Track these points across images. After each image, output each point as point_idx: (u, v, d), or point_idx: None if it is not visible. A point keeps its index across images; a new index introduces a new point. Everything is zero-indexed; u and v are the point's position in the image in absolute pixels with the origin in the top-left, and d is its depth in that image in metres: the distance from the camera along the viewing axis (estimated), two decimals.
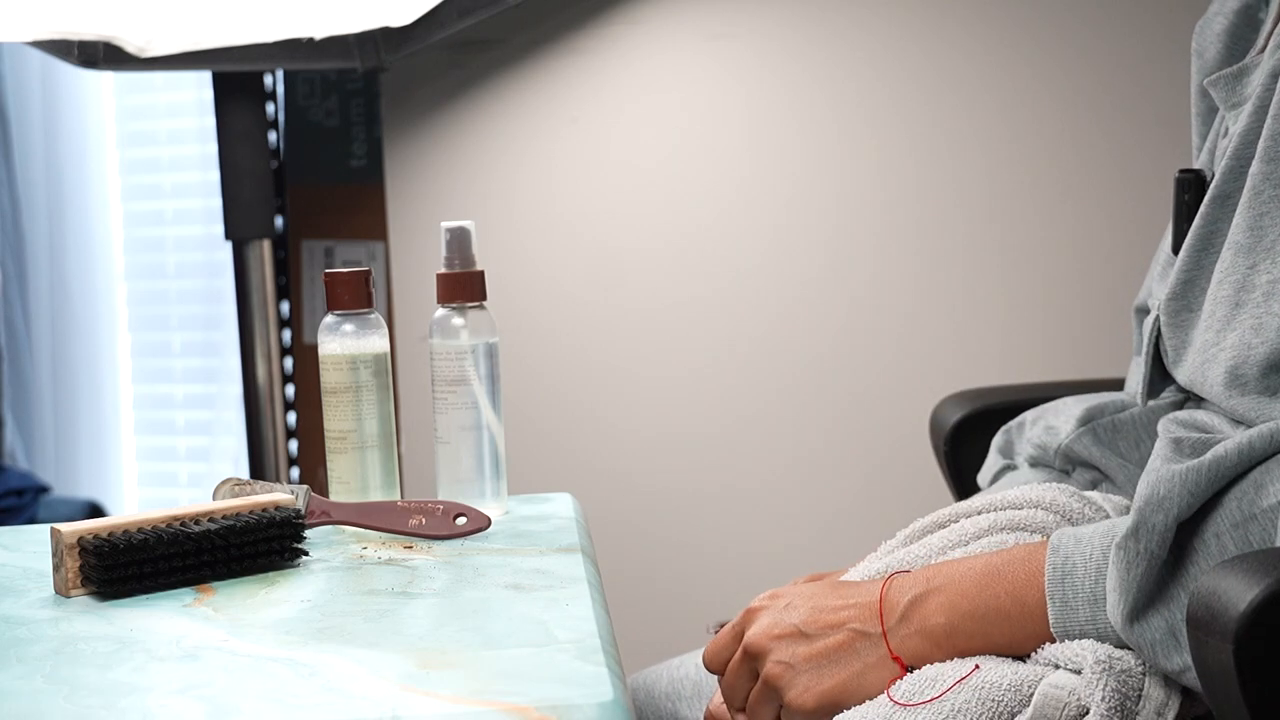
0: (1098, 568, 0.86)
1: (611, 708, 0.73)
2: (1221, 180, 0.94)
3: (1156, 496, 0.82)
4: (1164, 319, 0.98)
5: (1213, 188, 0.95)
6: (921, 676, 0.89)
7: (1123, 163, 1.97)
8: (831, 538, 2.05)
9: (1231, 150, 0.94)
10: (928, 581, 0.92)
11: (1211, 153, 1.03)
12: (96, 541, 0.96)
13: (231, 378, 2.54)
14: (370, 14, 1.85)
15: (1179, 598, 0.81)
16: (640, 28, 2.05)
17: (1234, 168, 0.93)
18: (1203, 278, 0.95)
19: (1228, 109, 0.99)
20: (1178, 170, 1.03)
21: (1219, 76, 1.00)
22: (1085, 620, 0.86)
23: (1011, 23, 1.98)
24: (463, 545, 1.09)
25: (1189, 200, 1.00)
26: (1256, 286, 0.88)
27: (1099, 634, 0.86)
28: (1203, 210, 0.95)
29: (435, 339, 1.18)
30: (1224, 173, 0.94)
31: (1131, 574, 0.82)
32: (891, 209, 2.03)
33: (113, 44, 1.82)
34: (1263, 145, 0.90)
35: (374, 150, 2.21)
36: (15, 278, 2.83)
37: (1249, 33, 1.04)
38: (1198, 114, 1.09)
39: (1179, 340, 0.97)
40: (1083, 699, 0.84)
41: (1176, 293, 0.97)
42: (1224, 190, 0.94)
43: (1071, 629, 0.87)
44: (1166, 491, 0.82)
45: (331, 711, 0.74)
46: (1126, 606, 0.82)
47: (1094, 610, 0.86)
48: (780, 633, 0.94)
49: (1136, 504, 0.83)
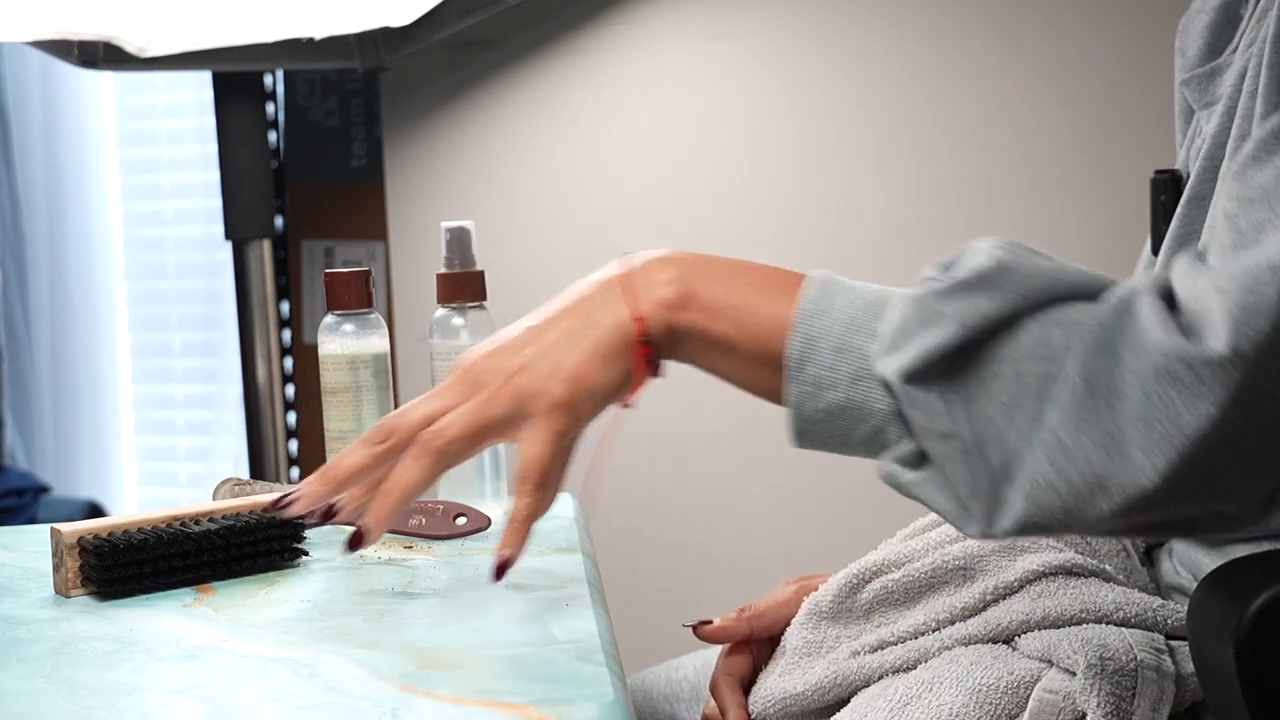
0: (856, 318, 0.80)
1: (611, 708, 0.73)
2: (1196, 181, 0.94)
3: (994, 281, 0.78)
4: None
5: (1188, 189, 0.95)
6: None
7: (1122, 163, 1.97)
8: (831, 538, 2.05)
9: (1205, 151, 0.94)
10: (659, 256, 0.89)
11: (1188, 151, 1.03)
12: (96, 541, 0.96)
13: (231, 378, 2.54)
14: (370, 14, 1.85)
15: (972, 372, 0.76)
16: (640, 28, 2.05)
17: (1207, 168, 0.93)
18: None
19: (1200, 108, 0.99)
20: (1153, 171, 1.02)
21: (1192, 76, 1.00)
22: (824, 366, 0.80)
23: (1011, 22, 1.98)
24: (463, 545, 1.09)
25: (1165, 201, 1.00)
26: None
27: (829, 382, 0.80)
28: (1179, 211, 0.95)
29: (435, 339, 1.18)
30: (1198, 173, 0.94)
31: (933, 335, 0.76)
32: (891, 209, 2.03)
33: (113, 44, 1.82)
34: (1231, 146, 0.90)
35: (374, 150, 2.21)
36: (15, 278, 2.84)
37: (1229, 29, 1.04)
38: (1179, 112, 1.09)
39: None
40: (1079, 703, 0.84)
41: None
42: (1199, 191, 0.94)
43: (806, 366, 0.81)
44: (1006, 281, 0.78)
45: (331, 711, 0.74)
46: (915, 363, 0.76)
47: (836, 359, 0.80)
48: (497, 346, 0.88)
49: (970, 273, 0.79)
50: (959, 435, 0.76)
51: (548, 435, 0.87)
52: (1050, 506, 0.74)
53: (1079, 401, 0.73)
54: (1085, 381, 0.73)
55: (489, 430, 0.87)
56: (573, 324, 0.88)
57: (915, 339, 0.77)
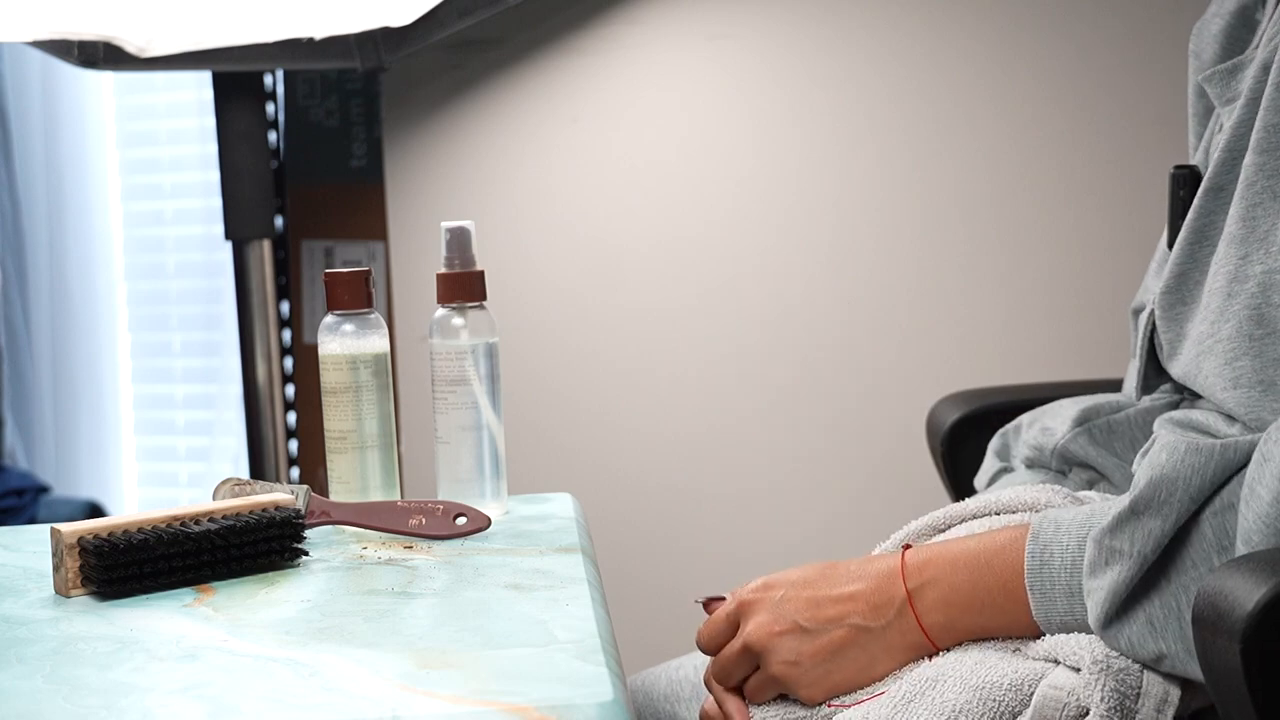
0: (1073, 560, 0.87)
1: (611, 708, 0.73)
2: (1215, 172, 0.94)
3: (1158, 499, 0.82)
4: (1159, 312, 0.98)
5: (1206, 180, 0.95)
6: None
7: (1122, 163, 1.97)
8: (831, 537, 2.05)
9: (1225, 143, 0.94)
10: (920, 573, 0.92)
11: (1207, 149, 1.03)
12: (96, 541, 0.96)
13: (231, 378, 2.54)
14: (370, 14, 1.85)
15: (1161, 590, 0.82)
16: (640, 28, 2.05)
17: (1227, 160, 0.94)
18: (1197, 270, 0.95)
19: (1222, 104, 0.99)
20: (1173, 166, 1.03)
21: (1214, 72, 1.00)
22: (1064, 612, 0.87)
23: (1011, 22, 1.98)
24: (463, 545, 1.09)
25: (1184, 196, 1.00)
26: (1250, 277, 0.88)
27: (1079, 625, 0.87)
28: (1197, 203, 0.96)
29: (435, 339, 1.18)
30: (1217, 165, 0.94)
31: (1115, 574, 0.83)
32: (891, 208, 2.03)
33: (113, 44, 1.82)
34: (1255, 137, 0.90)
35: (374, 150, 2.21)
36: (15, 278, 2.83)
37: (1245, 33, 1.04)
38: (1194, 114, 1.09)
39: (1174, 334, 0.97)
40: (1082, 699, 0.84)
41: (1171, 286, 0.97)
42: (1218, 182, 0.94)
43: (1053, 619, 0.88)
44: (1168, 495, 0.82)
45: (331, 711, 0.74)
46: (1105, 608, 0.84)
47: (1071, 603, 0.87)
48: (781, 629, 0.95)
49: (1131, 500, 0.83)
50: (1169, 654, 0.82)
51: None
52: None
53: None
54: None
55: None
56: (842, 641, 0.95)
57: (1100, 580, 0.84)
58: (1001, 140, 2.00)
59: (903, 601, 0.92)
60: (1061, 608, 0.87)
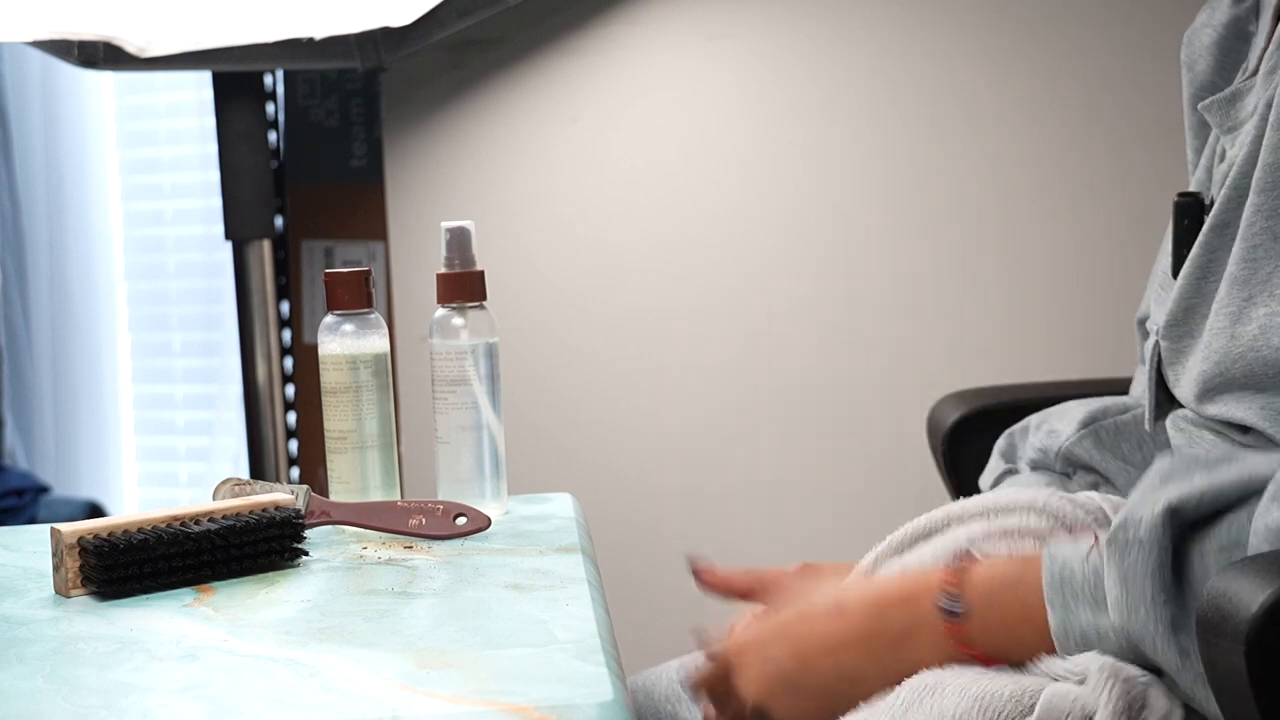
0: (1095, 568, 0.86)
1: (611, 708, 0.73)
2: (1220, 209, 0.94)
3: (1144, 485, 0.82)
4: (1164, 344, 0.98)
5: (1212, 215, 0.94)
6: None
7: (1121, 162, 1.97)
8: (831, 537, 2.05)
9: (1231, 180, 0.93)
10: (914, 618, 0.91)
11: (1208, 172, 1.03)
12: (96, 541, 0.96)
13: (231, 378, 2.54)
14: (370, 14, 1.85)
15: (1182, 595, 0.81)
16: (640, 28, 2.05)
17: (1233, 197, 0.93)
18: (1203, 305, 0.95)
19: (1224, 132, 0.99)
20: (1176, 194, 1.02)
21: (1212, 101, 0.99)
22: (1088, 623, 0.86)
23: (1011, 22, 1.98)
24: (463, 545, 1.09)
25: (1187, 225, 0.99)
26: (1253, 319, 0.88)
27: (1099, 634, 0.86)
28: (1202, 238, 0.95)
29: (435, 339, 1.18)
30: (1223, 202, 0.94)
31: (1125, 561, 0.82)
32: (891, 208, 2.03)
33: (113, 44, 1.82)
34: (1256, 176, 0.90)
35: (374, 150, 2.21)
36: (15, 278, 2.83)
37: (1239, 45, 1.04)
38: (1190, 127, 1.09)
39: (1181, 365, 0.97)
40: (1087, 706, 0.84)
41: (1176, 319, 0.96)
42: (1223, 219, 0.94)
43: (1072, 629, 0.86)
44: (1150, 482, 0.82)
45: (331, 711, 0.74)
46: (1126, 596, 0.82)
47: (1096, 615, 0.85)
48: (775, 689, 0.93)
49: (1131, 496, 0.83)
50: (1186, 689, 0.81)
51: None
52: None
53: None
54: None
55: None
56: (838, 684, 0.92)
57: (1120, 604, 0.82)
58: (1002, 139, 2.00)
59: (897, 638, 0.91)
60: (1085, 619, 0.85)
